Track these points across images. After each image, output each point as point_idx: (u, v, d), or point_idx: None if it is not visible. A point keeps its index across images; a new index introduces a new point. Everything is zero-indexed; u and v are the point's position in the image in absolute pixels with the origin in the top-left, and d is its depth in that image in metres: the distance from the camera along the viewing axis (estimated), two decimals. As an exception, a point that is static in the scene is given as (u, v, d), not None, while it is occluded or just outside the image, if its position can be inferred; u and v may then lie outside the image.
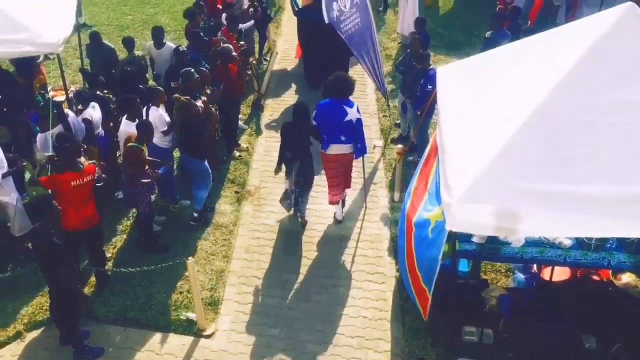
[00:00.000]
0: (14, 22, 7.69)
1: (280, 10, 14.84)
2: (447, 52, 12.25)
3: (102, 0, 15.21)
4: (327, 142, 7.68)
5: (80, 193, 6.33)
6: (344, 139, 7.62)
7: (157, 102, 7.74)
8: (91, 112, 7.96)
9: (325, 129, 7.62)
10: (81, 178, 6.33)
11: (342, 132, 7.57)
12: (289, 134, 7.68)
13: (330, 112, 7.55)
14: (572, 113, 4.66)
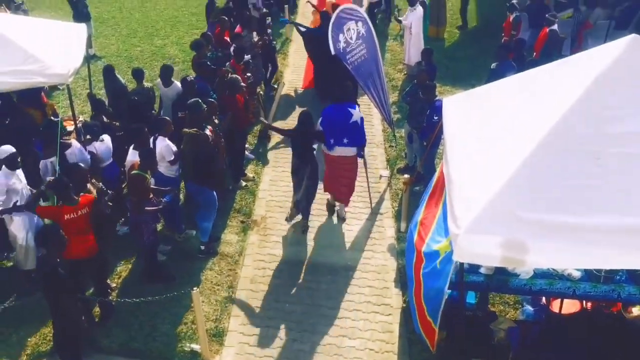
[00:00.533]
0: (25, 54, 7.82)
1: (287, 41, 15.01)
2: (453, 83, 12.33)
3: (112, 32, 15.45)
4: (332, 145, 8.16)
5: (75, 225, 6.28)
6: (346, 142, 8.14)
7: (165, 132, 7.79)
8: (98, 145, 8.01)
9: (331, 133, 8.09)
10: (75, 212, 6.32)
11: (346, 134, 8.07)
12: (297, 142, 8.19)
13: (336, 116, 8.06)
14: (579, 143, 4.65)
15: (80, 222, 6.34)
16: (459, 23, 15.50)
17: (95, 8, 16.35)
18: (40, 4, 17.19)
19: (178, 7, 17.04)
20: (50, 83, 8.58)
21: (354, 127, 8.05)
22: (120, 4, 17.37)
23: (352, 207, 9.08)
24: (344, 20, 9.64)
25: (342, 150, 8.22)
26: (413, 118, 9.18)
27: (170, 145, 7.76)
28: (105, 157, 8.08)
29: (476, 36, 14.89)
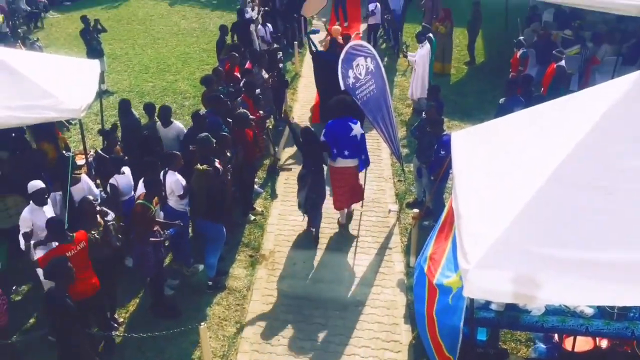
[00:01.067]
0: (39, 89, 7.94)
1: (297, 76, 15.18)
2: (461, 118, 12.38)
3: (124, 68, 15.69)
4: (335, 155, 8.76)
5: (75, 262, 6.24)
6: (347, 154, 8.76)
7: (175, 166, 7.84)
8: (119, 177, 8.06)
9: (334, 145, 8.72)
10: (74, 247, 6.33)
11: (347, 147, 8.72)
12: (304, 152, 8.76)
13: (337, 129, 8.68)
14: (589, 178, 4.63)
15: (79, 258, 6.32)
16: (466, 59, 15.64)
17: (109, 45, 16.65)
18: (54, 41, 17.54)
19: (189, 43, 17.33)
20: (63, 118, 8.69)
21: (354, 140, 8.68)
22: (133, 41, 17.69)
23: (360, 241, 9.05)
24: (353, 56, 9.75)
25: (344, 161, 8.83)
26: (422, 153, 9.20)
27: (180, 180, 7.79)
28: (125, 191, 8.11)
29: (484, 72, 15.01)
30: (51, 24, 19.16)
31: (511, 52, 13.04)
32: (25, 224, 6.85)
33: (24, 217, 6.94)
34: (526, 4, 15.26)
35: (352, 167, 8.94)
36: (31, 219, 6.87)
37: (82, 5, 20.60)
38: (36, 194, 6.96)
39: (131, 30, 18.67)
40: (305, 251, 8.85)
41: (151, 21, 19.54)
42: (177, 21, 19.54)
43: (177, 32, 18.49)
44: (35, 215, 6.92)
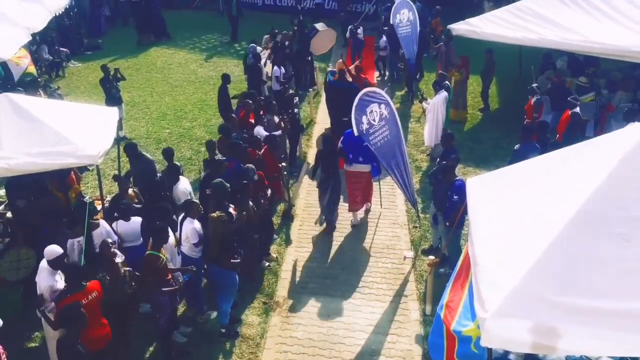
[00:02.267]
0: (58, 136, 8.09)
1: (312, 123, 15.32)
2: (476, 164, 12.36)
3: (142, 115, 15.95)
4: (351, 160, 10.14)
5: (87, 311, 6.20)
6: (361, 160, 10.19)
7: (193, 213, 7.85)
8: (120, 224, 8.12)
9: (350, 152, 10.13)
10: (86, 297, 6.30)
11: (361, 154, 10.09)
12: (324, 159, 10.09)
13: (353, 139, 9.78)
14: (608, 225, 4.57)
15: (91, 307, 6.28)
16: (481, 106, 15.72)
17: (128, 92, 16.98)
18: (75, 89, 17.92)
19: (206, 91, 17.61)
20: (81, 164, 8.80)
21: (367, 148, 9.78)
22: (152, 89, 18.03)
23: (375, 288, 8.94)
24: (367, 103, 9.85)
25: (358, 166, 10.28)
26: (437, 199, 9.17)
27: (197, 228, 7.78)
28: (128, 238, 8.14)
29: (498, 118, 15.05)
30: (72, 73, 19.62)
31: (525, 99, 13.08)
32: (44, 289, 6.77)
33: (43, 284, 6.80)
34: (539, 52, 15.37)
35: (366, 172, 10.37)
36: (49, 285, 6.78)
37: (103, 54, 21.11)
38: (55, 261, 6.84)
39: (150, 78, 19.05)
40: (320, 298, 8.74)
41: (169, 69, 19.95)
42: (195, 69, 19.93)
43: (195, 80, 18.83)
44: (51, 279, 6.83)
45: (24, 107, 8.51)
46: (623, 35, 11.39)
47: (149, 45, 22.26)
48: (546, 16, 12.80)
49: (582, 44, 11.74)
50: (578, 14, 12.60)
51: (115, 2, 25.32)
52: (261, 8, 26.47)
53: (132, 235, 8.18)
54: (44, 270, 6.89)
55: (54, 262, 6.84)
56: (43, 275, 6.87)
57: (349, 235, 10.35)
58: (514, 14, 13.41)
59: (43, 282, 6.80)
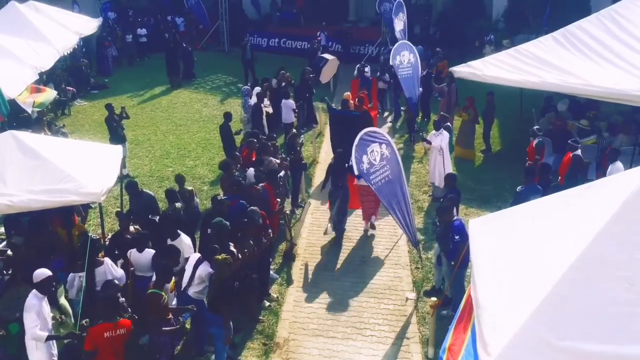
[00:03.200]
0: (62, 173, 8.16)
1: (314, 163, 15.39)
2: (478, 206, 12.35)
3: (146, 153, 16.04)
4: (358, 176, 10.20)
5: (112, 346, 6.10)
6: None
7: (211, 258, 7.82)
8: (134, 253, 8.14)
9: None
10: (114, 330, 6.25)
11: None
12: (334, 173, 11.13)
13: None
14: (610, 269, 4.54)
15: (117, 342, 6.24)
16: (482, 147, 15.80)
17: (132, 131, 17.14)
18: (80, 127, 18.09)
19: (210, 130, 17.74)
20: (84, 202, 8.83)
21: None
22: (156, 128, 18.18)
23: (377, 330, 8.83)
24: (368, 142, 9.93)
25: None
26: (440, 240, 9.15)
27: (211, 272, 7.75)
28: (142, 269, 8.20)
29: (501, 160, 15.10)
30: (78, 111, 19.83)
31: (527, 140, 13.15)
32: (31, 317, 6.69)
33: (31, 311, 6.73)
34: (541, 94, 15.52)
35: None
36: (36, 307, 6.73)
37: (109, 93, 21.38)
38: (42, 284, 6.79)
39: (154, 117, 19.24)
40: (321, 340, 8.63)
41: (174, 108, 20.16)
42: (199, 109, 20.14)
43: (199, 119, 19.01)
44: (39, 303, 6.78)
45: (29, 145, 8.60)
46: (623, 79, 11.52)
47: (177, 86, 22.44)
48: (546, 59, 12.98)
49: (582, 87, 11.86)
50: (578, 58, 12.78)
51: (122, 42, 25.75)
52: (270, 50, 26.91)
53: (144, 266, 8.18)
54: (31, 295, 6.81)
55: (41, 284, 6.78)
56: (29, 298, 6.79)
57: (350, 275, 10.27)
58: (514, 57, 13.61)
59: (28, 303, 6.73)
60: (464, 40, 23.47)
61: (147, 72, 24.53)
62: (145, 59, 26.23)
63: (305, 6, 30.64)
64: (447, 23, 25.45)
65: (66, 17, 21.36)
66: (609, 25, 13.05)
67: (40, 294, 6.84)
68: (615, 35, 12.76)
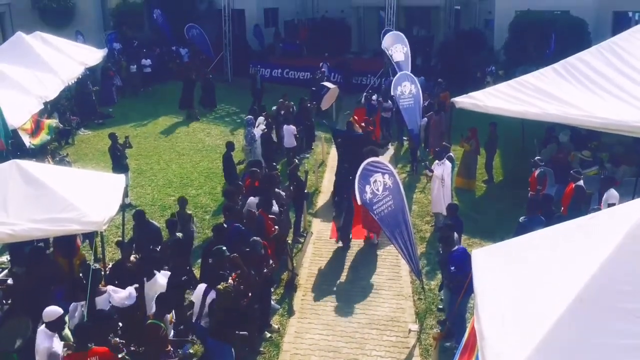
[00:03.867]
0: (64, 202, 8.16)
1: (316, 192, 15.39)
2: (481, 236, 12.30)
3: (148, 182, 16.07)
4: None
5: None
6: None
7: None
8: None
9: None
10: (85, 358, 6.16)
11: None
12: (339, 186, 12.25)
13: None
14: (613, 300, 4.49)
15: None
16: (485, 177, 15.81)
17: (135, 160, 17.21)
18: (83, 156, 18.17)
19: (212, 159, 17.81)
20: (85, 230, 8.81)
21: None
22: (159, 157, 18.25)
23: (380, 362, 8.72)
24: (371, 173, 9.95)
25: None
26: (440, 268, 9.15)
27: None
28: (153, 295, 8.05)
29: (503, 190, 15.10)
30: (81, 140, 19.94)
31: (528, 171, 13.16)
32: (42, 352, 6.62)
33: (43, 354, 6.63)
34: (542, 125, 15.58)
35: None
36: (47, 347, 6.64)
37: (112, 123, 21.51)
38: (54, 323, 6.72)
39: (157, 146, 19.33)
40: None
41: (177, 138, 20.27)
42: (202, 138, 20.24)
43: (202, 149, 19.10)
44: (50, 342, 6.69)
45: (32, 174, 8.63)
46: (624, 111, 11.58)
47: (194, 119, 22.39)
48: (547, 91, 13.06)
49: (583, 119, 11.92)
50: (579, 90, 12.85)
51: (126, 72, 26.03)
52: (273, 80, 27.13)
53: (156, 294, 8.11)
54: (41, 333, 6.75)
55: (52, 324, 6.71)
56: (40, 338, 6.72)
57: (353, 306, 10.18)
58: (515, 88, 13.70)
59: (40, 345, 6.65)
60: (465, 72, 23.68)
61: (151, 102, 24.74)
62: (149, 89, 26.46)
63: (308, 38, 31.08)
64: (449, 54, 25.71)
65: (71, 47, 21.64)
66: (609, 57, 13.16)
67: (50, 332, 6.75)
68: (615, 67, 12.86)
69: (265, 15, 32.24)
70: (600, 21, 24.00)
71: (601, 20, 24.03)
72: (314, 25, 32.61)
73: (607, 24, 23.87)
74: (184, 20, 28.33)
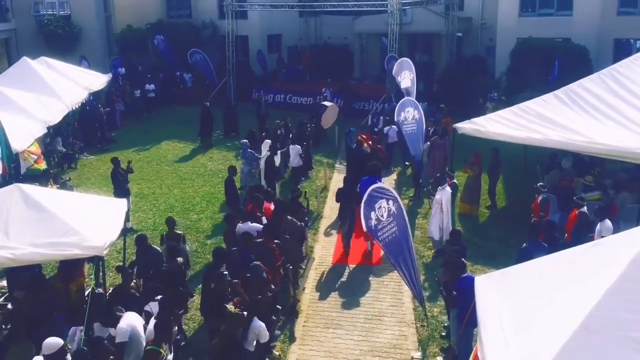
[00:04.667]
0: (65, 226, 8.16)
1: (318, 217, 15.35)
2: (484, 263, 12.22)
3: (150, 207, 16.07)
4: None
5: None
6: None
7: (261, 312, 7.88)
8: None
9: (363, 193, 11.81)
10: None
11: None
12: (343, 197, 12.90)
13: (368, 184, 11.54)
14: (617, 329, 4.46)
15: None
16: (488, 203, 15.77)
17: (137, 184, 17.24)
18: (85, 180, 18.20)
19: (214, 184, 17.82)
20: (86, 255, 8.77)
21: None
22: (161, 181, 18.27)
23: (382, 391, 8.59)
24: (376, 199, 9.93)
25: None
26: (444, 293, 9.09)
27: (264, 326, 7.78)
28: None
29: (506, 216, 15.05)
30: (84, 165, 20.01)
31: (531, 197, 13.13)
32: None
33: None
34: (545, 151, 15.59)
35: None
36: None
37: (116, 147, 21.62)
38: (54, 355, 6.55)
39: (160, 171, 19.37)
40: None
41: (179, 162, 20.32)
42: (204, 163, 20.29)
43: (204, 173, 19.12)
44: None
45: (34, 198, 8.64)
46: (626, 137, 11.60)
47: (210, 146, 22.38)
48: (549, 117, 13.10)
49: (585, 145, 11.93)
50: (581, 116, 12.90)
51: (130, 97, 26.22)
52: (276, 105, 27.27)
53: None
54: None
55: (52, 356, 6.55)
56: None
57: (355, 333, 10.07)
58: (517, 114, 13.74)
59: None
60: (467, 98, 23.79)
61: (154, 127, 24.88)
62: (152, 114, 26.61)
63: (311, 63, 31.33)
64: (451, 81, 25.86)
65: (76, 72, 21.88)
66: (610, 84, 13.23)
67: None
68: (617, 94, 12.92)
69: (268, 41, 32.50)
70: (602, 48, 24.16)
71: (602, 47, 24.20)
72: (317, 51, 32.91)
73: (609, 51, 24.02)
74: (187, 46, 28.61)
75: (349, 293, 11.39)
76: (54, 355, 6.54)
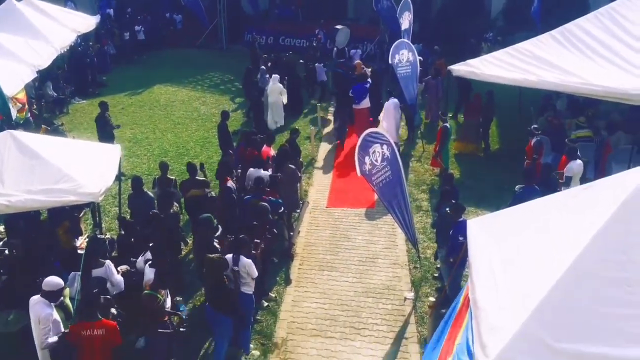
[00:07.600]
0: (60, 173, 8.14)
1: (312, 161, 15.37)
2: (476, 204, 12.33)
3: (144, 152, 16.02)
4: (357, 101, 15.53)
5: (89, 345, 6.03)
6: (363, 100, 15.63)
7: (245, 252, 7.93)
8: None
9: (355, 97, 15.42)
10: (92, 329, 6.19)
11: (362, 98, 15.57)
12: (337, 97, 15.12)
13: (357, 89, 15.02)
14: (607, 270, 4.54)
15: (95, 342, 6.19)
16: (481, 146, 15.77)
17: (130, 129, 17.13)
18: (78, 125, 18.04)
19: (208, 128, 17.71)
20: (82, 201, 8.79)
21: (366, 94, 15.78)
22: (154, 126, 18.14)
23: (375, 330, 8.84)
24: (370, 144, 9.93)
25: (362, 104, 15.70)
26: (440, 234, 9.18)
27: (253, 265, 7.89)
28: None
29: (499, 158, 15.09)
30: (76, 110, 19.78)
31: (525, 140, 13.14)
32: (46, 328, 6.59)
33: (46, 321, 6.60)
34: (539, 93, 15.49)
35: (366, 108, 15.68)
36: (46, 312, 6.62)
37: (107, 91, 21.33)
38: (52, 293, 6.67)
39: (153, 115, 19.20)
40: (319, 340, 8.64)
41: (172, 107, 20.12)
42: (197, 107, 20.10)
43: (197, 118, 18.98)
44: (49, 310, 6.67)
45: (27, 144, 8.59)
46: (621, 78, 11.50)
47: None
48: (545, 58, 12.95)
49: (581, 86, 11.84)
50: (577, 57, 12.75)
51: (120, 40, 25.70)
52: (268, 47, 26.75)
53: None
54: (39, 302, 6.66)
55: (51, 294, 6.66)
56: (40, 306, 6.63)
57: (349, 275, 10.27)
58: (513, 55, 13.57)
59: (42, 313, 6.57)
60: (461, 38, 23.42)
61: (145, 70, 24.49)
62: (143, 57, 26.16)
63: (304, 3, 30.59)
64: (446, 21, 25.39)
65: (63, 14, 21.33)
66: (607, 24, 13.02)
67: (48, 302, 6.71)
68: (613, 34, 12.73)
69: (260, -21, 31.61)
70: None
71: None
72: (310, -9, 32.07)
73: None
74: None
75: (344, 236, 11.55)
76: (54, 293, 6.66)
